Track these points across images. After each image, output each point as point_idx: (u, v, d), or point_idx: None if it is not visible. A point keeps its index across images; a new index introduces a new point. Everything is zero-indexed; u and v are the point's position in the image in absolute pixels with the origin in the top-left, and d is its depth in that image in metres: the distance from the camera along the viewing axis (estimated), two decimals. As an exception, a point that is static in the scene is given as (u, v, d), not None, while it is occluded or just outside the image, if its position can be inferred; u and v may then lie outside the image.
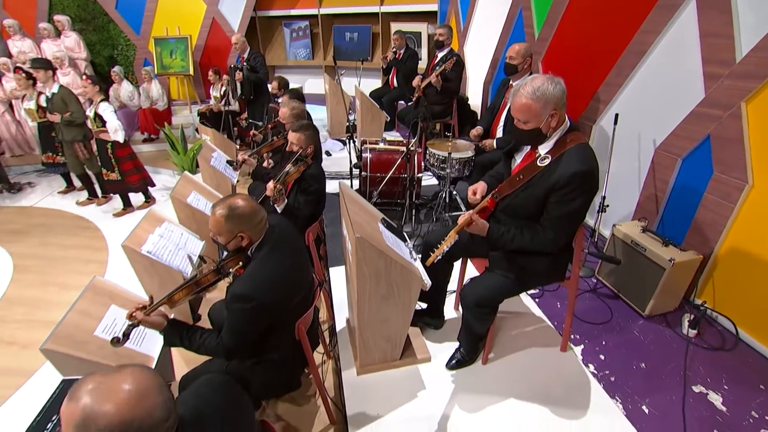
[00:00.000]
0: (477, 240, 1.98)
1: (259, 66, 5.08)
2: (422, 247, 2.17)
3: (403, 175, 3.29)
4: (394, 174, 3.11)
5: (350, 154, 3.69)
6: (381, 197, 3.28)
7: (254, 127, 4.29)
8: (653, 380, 2.09)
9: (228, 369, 1.65)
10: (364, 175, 3.54)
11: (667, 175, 2.67)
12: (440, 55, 4.40)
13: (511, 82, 3.31)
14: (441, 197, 3.47)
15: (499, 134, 3.40)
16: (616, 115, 2.78)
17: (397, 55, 5.26)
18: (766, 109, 2.09)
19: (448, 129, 4.46)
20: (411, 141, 3.15)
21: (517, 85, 1.67)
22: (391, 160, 3.44)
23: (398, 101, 5.53)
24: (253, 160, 3.19)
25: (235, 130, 5.49)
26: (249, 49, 5.20)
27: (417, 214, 3.48)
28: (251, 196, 2.28)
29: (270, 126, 3.80)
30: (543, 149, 1.71)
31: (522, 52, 3.12)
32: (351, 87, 4.93)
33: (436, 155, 3.51)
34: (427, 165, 3.77)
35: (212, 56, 7.07)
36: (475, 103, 5.33)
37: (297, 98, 3.77)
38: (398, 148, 3.60)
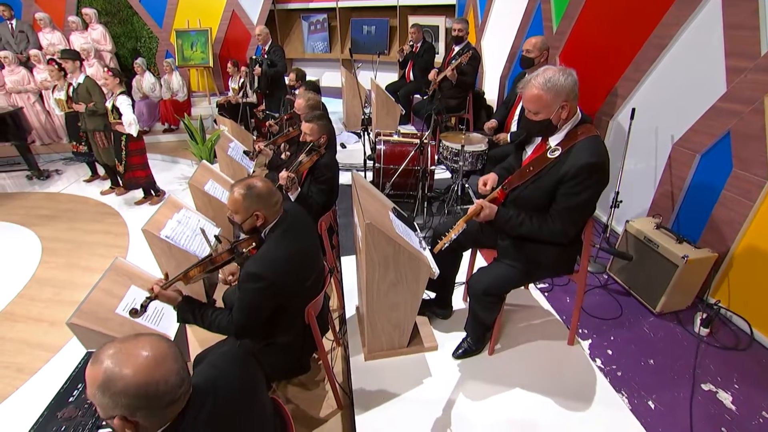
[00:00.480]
0: (486, 230, 2.00)
1: (278, 59, 5.15)
2: (431, 237, 2.19)
3: (416, 168, 3.31)
4: (407, 166, 3.14)
5: (365, 146, 3.72)
6: (394, 189, 3.31)
7: (271, 118, 4.36)
8: (661, 377, 2.07)
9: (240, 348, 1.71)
10: (378, 167, 3.56)
11: (684, 172, 2.62)
12: (457, 48, 4.38)
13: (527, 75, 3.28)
14: (453, 190, 3.47)
15: (514, 128, 3.36)
16: (633, 109, 2.73)
17: (414, 49, 5.23)
18: (790, 104, 2.04)
19: (462, 123, 4.44)
20: (425, 134, 3.16)
21: (528, 77, 1.67)
22: (405, 152, 3.45)
23: (414, 95, 5.50)
24: (269, 151, 3.25)
25: (252, 121, 5.59)
26: (271, 41, 5.28)
27: (429, 206, 3.50)
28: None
29: (286, 117, 3.86)
30: (553, 141, 1.70)
31: (539, 45, 3.08)
32: (367, 80, 4.95)
33: (449, 148, 3.51)
34: (440, 158, 3.77)
35: (231, 49, 7.19)
36: (492, 98, 5.29)
37: (313, 90, 3.82)
38: (412, 140, 3.60)
